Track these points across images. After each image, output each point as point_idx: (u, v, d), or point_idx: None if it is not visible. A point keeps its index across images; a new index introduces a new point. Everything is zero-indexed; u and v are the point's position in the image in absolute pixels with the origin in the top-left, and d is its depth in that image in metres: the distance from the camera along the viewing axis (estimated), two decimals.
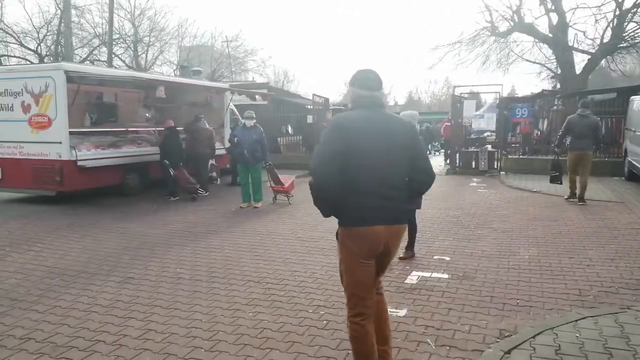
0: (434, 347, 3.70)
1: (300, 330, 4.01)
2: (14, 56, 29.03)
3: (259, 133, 9.70)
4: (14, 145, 9.77)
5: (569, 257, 5.99)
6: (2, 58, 27.95)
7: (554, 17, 22.98)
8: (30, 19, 29.20)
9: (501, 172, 14.62)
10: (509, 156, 15.58)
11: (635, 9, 21.39)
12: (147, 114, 11.62)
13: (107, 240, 7.14)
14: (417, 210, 6.04)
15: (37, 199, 10.23)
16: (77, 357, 3.61)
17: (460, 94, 15.90)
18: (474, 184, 13.19)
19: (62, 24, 19.74)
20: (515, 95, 35.57)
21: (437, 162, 21.09)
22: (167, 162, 10.37)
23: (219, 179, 13.31)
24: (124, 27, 33.92)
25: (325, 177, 2.80)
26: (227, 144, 11.69)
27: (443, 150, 22.34)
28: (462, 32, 33.85)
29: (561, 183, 10.04)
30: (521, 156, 15.57)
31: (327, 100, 17.95)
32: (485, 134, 17.75)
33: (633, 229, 7.37)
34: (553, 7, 22.99)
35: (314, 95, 17.14)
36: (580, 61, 24.23)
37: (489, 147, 15.59)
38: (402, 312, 4.36)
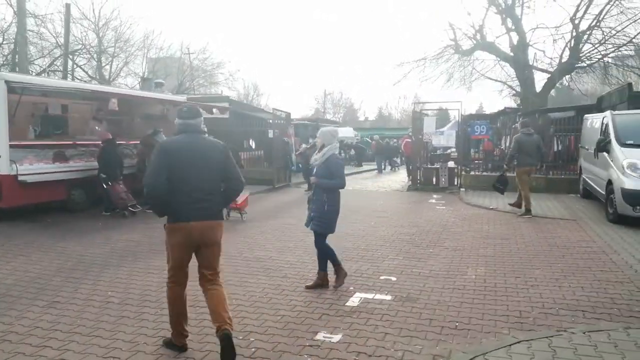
0: None
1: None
2: None
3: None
4: None
5: (515, 277, 5.93)
6: None
7: (515, 37, 23.60)
8: None
9: (461, 189, 14.71)
10: (470, 173, 15.73)
11: (590, 31, 22.14)
12: (96, 127, 11.20)
13: (40, 261, 6.74)
14: (334, 231, 5.60)
15: None
16: None
17: (421, 110, 16.01)
18: (433, 200, 13.20)
19: (18, 34, 19.05)
20: (483, 112, 36.36)
21: (400, 177, 21.21)
22: (104, 176, 10.08)
23: None
24: (88, 37, 33.29)
25: (151, 183, 3.70)
26: None
27: (404, 166, 22.40)
28: (426, 50, 34.26)
29: (503, 193, 11.18)
30: (483, 173, 15.73)
31: (288, 114, 17.82)
32: (449, 151, 17.95)
33: (581, 247, 7.40)
34: (513, 27, 23.62)
35: (274, 109, 16.99)
36: (540, 79, 24.96)
37: (452, 163, 15.71)
38: (337, 338, 4.17)
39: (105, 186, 10.20)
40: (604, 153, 9.59)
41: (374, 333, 4.28)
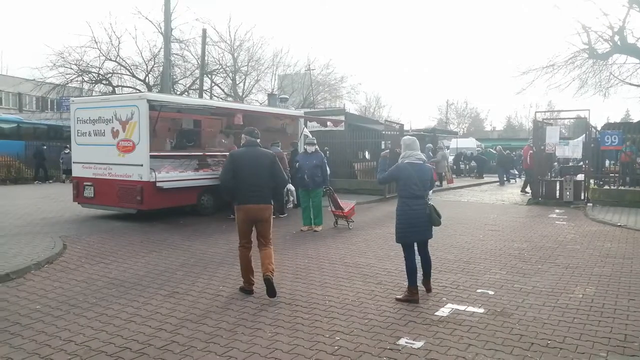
0: None
1: (309, 353, 4.08)
2: (127, 86, 32.21)
3: (319, 158, 9.95)
4: (104, 167, 10.88)
5: (629, 299, 5.47)
6: (117, 88, 31.22)
7: None
8: (141, 53, 32.53)
9: (588, 204, 13.54)
10: (604, 187, 14.35)
11: None
12: (223, 140, 12.37)
13: (169, 257, 7.69)
14: (408, 241, 5.59)
15: (121, 215, 11.24)
16: None
17: (543, 119, 15.06)
18: (554, 215, 12.37)
19: (164, 57, 21.68)
20: (629, 121, 32.74)
21: (512, 190, 19.86)
22: None
23: (292, 202, 13.72)
24: (224, 57, 36.53)
25: (224, 179, 5.76)
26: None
27: (523, 178, 20.91)
28: (554, 56, 31.65)
29: None
30: (619, 187, 14.23)
31: (402, 126, 17.87)
32: (580, 163, 16.60)
33: None
34: None
35: (386, 121, 17.16)
36: None
37: (581, 176, 14.53)
38: (418, 344, 4.26)
39: None
40: None
41: (457, 343, 4.29)
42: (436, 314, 5.07)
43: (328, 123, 14.42)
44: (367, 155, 19.76)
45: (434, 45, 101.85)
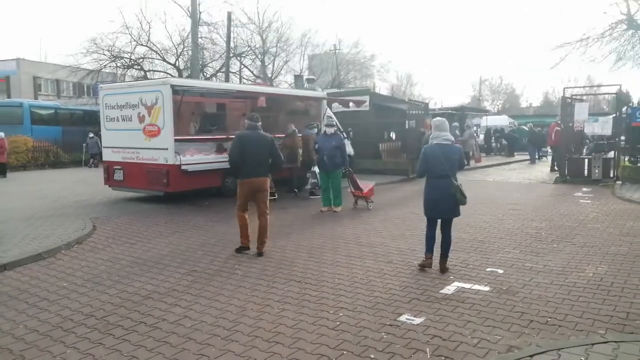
0: (428, 357, 3.72)
1: (311, 328, 4.27)
2: (158, 70, 32.84)
3: (338, 140, 10.05)
4: (132, 151, 11.28)
5: None
6: (148, 73, 31.89)
7: None
8: (170, 37, 33.03)
9: (617, 182, 13.20)
10: (638, 164, 13.92)
11: None
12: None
13: (191, 237, 8.00)
14: (430, 215, 5.96)
15: (149, 198, 11.67)
16: (119, 333, 4.26)
17: (572, 95, 14.66)
18: (580, 193, 12.15)
19: (191, 41, 22.03)
20: None
21: (542, 169, 19.37)
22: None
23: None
24: (253, 39, 36.71)
25: (233, 156, 6.80)
26: None
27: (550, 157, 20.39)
28: (591, 28, 30.31)
29: None
30: None
31: (426, 104, 17.70)
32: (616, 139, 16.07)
33: None
34: None
35: (410, 100, 17.02)
36: None
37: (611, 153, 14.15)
38: (418, 321, 4.40)
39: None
40: None
41: (457, 320, 4.40)
42: (441, 291, 5.18)
43: (350, 104, 14.44)
44: (392, 135, 19.70)
45: (467, 20, 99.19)
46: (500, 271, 5.86)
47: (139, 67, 31.73)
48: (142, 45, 30.93)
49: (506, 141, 27.64)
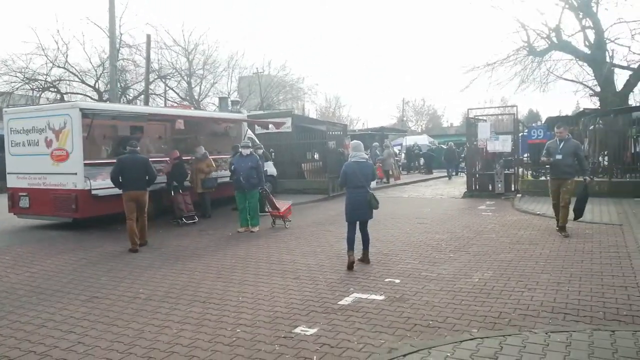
0: None
1: (206, 346, 4.36)
2: (76, 93, 31.60)
3: (254, 160, 10.21)
4: (39, 177, 10.82)
5: (518, 281, 5.97)
6: (65, 95, 30.56)
7: (592, 34, 22.33)
8: (90, 59, 31.93)
9: (517, 195, 14.29)
10: (541, 178, 15.08)
11: None
12: (162, 145, 12.47)
13: (98, 263, 7.80)
14: (350, 220, 7.08)
15: (58, 224, 11.21)
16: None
17: (475, 116, 15.80)
18: (484, 206, 13.03)
19: (109, 63, 21.50)
20: (560, 115, 34.29)
21: (458, 185, 20.48)
22: (176, 184, 11.23)
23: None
24: (179, 61, 36.28)
25: (112, 175, 8.75)
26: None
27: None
28: (495, 54, 33.03)
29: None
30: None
31: (345, 126, 18.34)
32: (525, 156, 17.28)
33: (607, 253, 7.17)
34: (590, 24, 22.36)
35: (328, 122, 17.57)
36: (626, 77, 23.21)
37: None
38: (311, 331, 4.60)
39: (173, 194, 11.37)
40: None
41: (348, 328, 4.65)
42: (339, 302, 5.43)
43: (270, 126, 14.68)
44: (316, 155, 20.13)
45: (390, 45, 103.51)
46: (397, 281, 6.22)
47: (56, 90, 30.40)
48: (58, 67, 29.73)
49: (424, 159, 29.03)
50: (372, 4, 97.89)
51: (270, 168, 15.61)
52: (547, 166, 16.35)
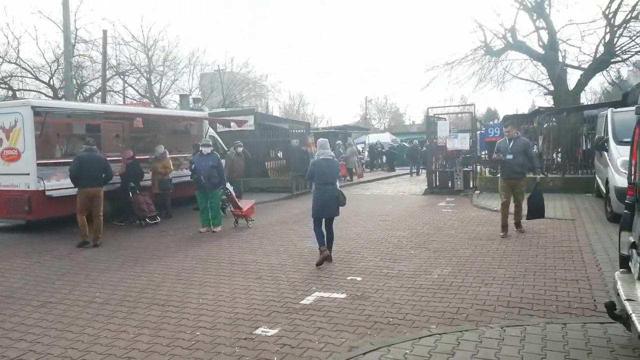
0: None
1: (164, 350, 4.28)
2: (30, 90, 30.37)
3: (215, 159, 10.07)
4: None
5: (475, 276, 6.12)
6: (18, 92, 29.32)
7: (545, 35, 23.11)
8: (43, 55, 30.71)
9: (475, 192, 14.65)
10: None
11: (626, 24, 21.32)
12: (119, 144, 12.14)
13: (52, 266, 7.54)
14: (317, 217, 7.14)
15: (10, 227, 10.77)
16: None
17: (435, 114, 16.09)
18: (444, 203, 13.29)
19: (64, 59, 20.80)
20: (521, 113, 35.35)
21: (420, 182, 20.89)
22: (132, 185, 10.93)
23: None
24: (138, 57, 35.32)
25: (72, 172, 8.97)
26: None
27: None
28: (453, 53, 33.87)
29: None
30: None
31: (307, 124, 18.36)
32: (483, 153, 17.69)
33: (560, 247, 7.43)
34: (543, 25, 23.12)
35: (291, 120, 17.54)
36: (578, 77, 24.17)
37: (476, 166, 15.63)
38: (272, 332, 4.58)
39: (131, 195, 11.07)
40: (604, 151, 9.46)
41: (309, 328, 4.65)
42: (301, 302, 5.43)
43: (232, 124, 14.52)
44: (279, 154, 20.05)
45: (353, 42, 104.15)
46: (359, 279, 6.27)
47: (7, 87, 29.14)
48: (9, 62, 28.50)
49: (386, 157, 29.36)
50: (336, 2, 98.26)
51: None
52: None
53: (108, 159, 11.67)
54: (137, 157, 11.55)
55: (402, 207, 13.06)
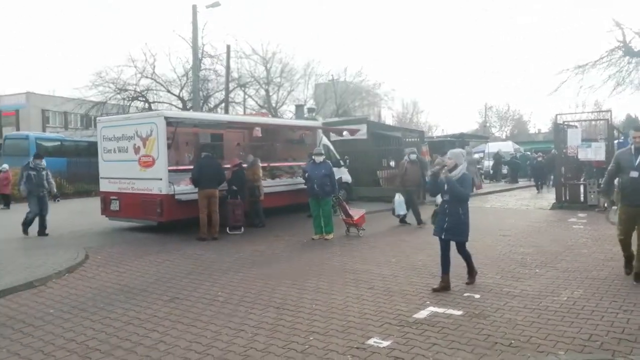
0: None
1: (279, 352, 4.38)
2: (162, 102, 33.49)
3: (327, 168, 10.25)
4: (128, 182, 11.54)
5: (612, 301, 5.50)
6: (152, 104, 32.52)
7: None
8: (174, 69, 33.82)
9: (613, 207, 13.20)
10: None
11: None
12: (241, 152, 12.87)
13: (180, 265, 8.15)
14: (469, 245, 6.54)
15: (145, 227, 11.86)
16: (96, 357, 4.40)
17: (564, 122, 14.85)
18: (574, 219, 12.19)
19: (192, 73, 22.67)
20: None
21: (548, 196, 19.26)
22: (235, 188, 11.35)
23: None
24: (257, 70, 37.45)
25: (194, 174, 10.58)
26: None
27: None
28: (587, 56, 30.91)
29: None
30: None
31: (422, 132, 17.93)
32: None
33: None
34: None
35: (404, 128, 17.27)
36: None
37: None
38: (385, 344, 4.49)
39: (229, 198, 11.30)
40: None
41: (423, 343, 4.49)
42: (414, 316, 5.27)
43: (344, 132, 14.72)
44: (392, 163, 19.88)
45: (473, 46, 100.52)
46: (477, 296, 5.94)
47: (144, 99, 32.46)
48: (146, 77, 31.75)
49: (509, 168, 27.66)
50: (452, 7, 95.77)
51: (345, 175, 15.64)
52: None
53: (227, 166, 12.58)
54: (243, 165, 12.04)
55: (525, 222, 12.20)
